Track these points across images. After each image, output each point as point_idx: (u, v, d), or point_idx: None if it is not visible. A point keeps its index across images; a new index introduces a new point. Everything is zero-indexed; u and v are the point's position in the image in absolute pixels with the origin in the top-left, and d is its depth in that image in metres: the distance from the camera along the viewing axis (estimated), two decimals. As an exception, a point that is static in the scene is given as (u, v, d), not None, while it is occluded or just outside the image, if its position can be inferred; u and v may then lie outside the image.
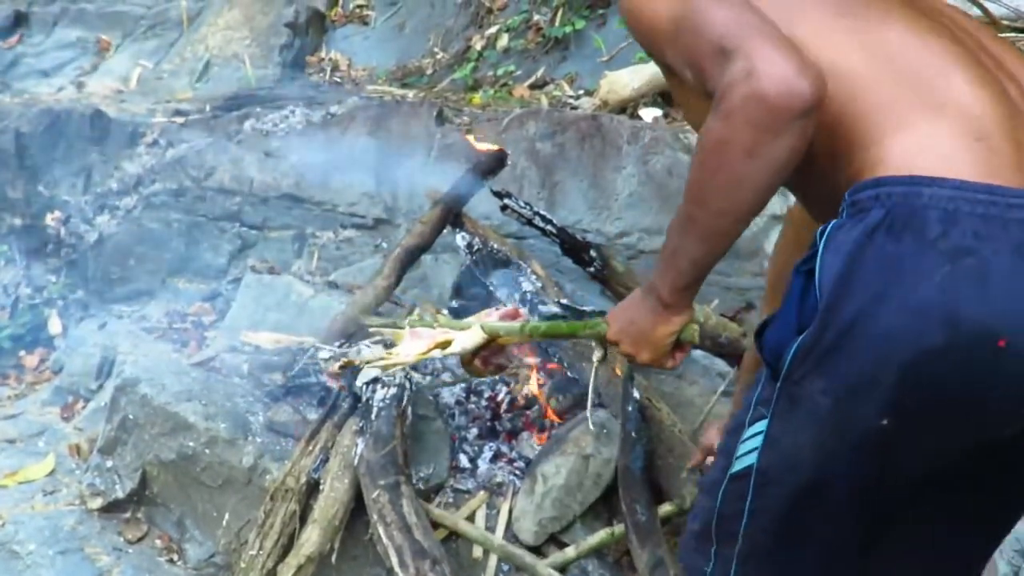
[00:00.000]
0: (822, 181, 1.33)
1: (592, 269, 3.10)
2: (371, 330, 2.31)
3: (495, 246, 3.15)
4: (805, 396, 1.26)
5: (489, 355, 1.96)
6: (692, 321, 1.53)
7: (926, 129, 1.23)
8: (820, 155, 1.29)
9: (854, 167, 1.26)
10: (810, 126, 1.21)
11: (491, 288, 3.05)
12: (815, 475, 1.30)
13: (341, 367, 2.60)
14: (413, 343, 2.05)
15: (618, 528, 2.55)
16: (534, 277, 3.08)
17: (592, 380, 1.88)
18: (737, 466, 1.37)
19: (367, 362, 2.24)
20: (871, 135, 1.26)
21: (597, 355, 1.74)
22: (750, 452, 1.35)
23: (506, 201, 3.05)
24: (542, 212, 3.10)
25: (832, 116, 1.27)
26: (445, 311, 2.31)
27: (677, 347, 1.55)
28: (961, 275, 1.15)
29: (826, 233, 1.24)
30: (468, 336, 1.89)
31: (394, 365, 2.14)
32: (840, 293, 1.19)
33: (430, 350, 1.97)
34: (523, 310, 2.26)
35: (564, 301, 2.67)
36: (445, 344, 1.92)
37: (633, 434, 2.61)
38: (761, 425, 1.33)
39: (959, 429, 1.25)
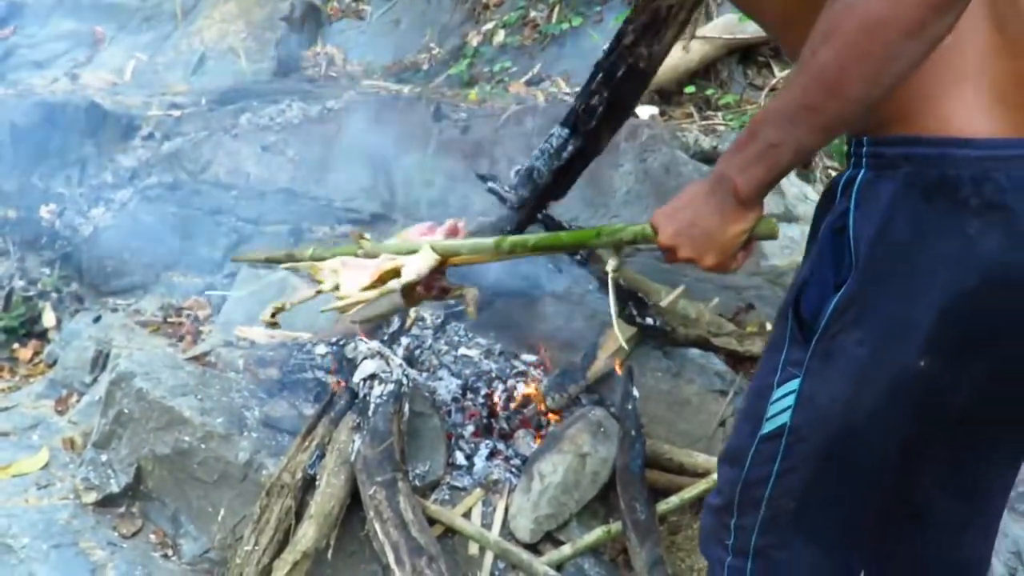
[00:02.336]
0: None
1: (578, 256, 3.11)
2: (283, 268, 1.91)
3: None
4: (841, 350, 1.28)
5: (431, 280, 1.63)
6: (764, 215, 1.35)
7: (955, 90, 1.23)
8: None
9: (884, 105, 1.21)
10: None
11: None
12: (849, 429, 1.31)
13: (273, 315, 1.90)
14: (353, 276, 1.67)
15: (614, 526, 2.55)
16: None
17: (611, 292, 1.57)
18: (767, 427, 1.37)
19: (297, 302, 1.78)
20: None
21: (612, 264, 1.53)
22: (782, 412, 1.35)
23: (490, 184, 3.04)
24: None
25: None
26: (367, 234, 1.83)
27: (742, 246, 1.38)
28: (992, 226, 1.19)
29: (854, 189, 1.25)
30: (420, 260, 1.58)
31: (347, 307, 1.68)
32: (875, 251, 1.23)
33: (379, 282, 1.62)
34: (460, 224, 1.82)
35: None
36: (395, 272, 1.60)
37: (632, 432, 2.61)
38: (792, 384, 1.34)
39: (994, 361, 1.29)
